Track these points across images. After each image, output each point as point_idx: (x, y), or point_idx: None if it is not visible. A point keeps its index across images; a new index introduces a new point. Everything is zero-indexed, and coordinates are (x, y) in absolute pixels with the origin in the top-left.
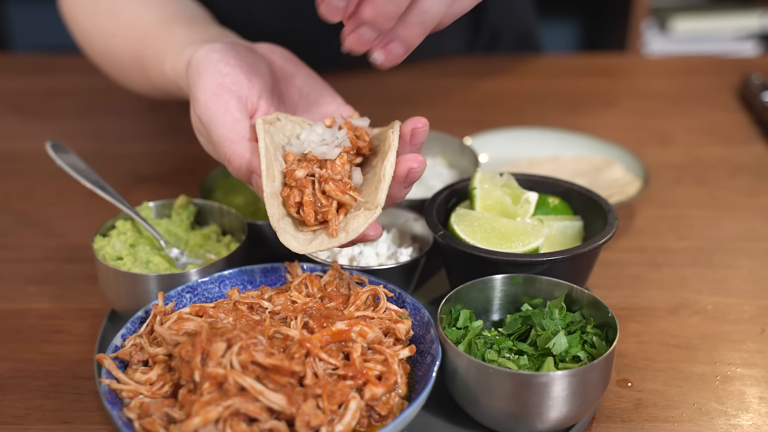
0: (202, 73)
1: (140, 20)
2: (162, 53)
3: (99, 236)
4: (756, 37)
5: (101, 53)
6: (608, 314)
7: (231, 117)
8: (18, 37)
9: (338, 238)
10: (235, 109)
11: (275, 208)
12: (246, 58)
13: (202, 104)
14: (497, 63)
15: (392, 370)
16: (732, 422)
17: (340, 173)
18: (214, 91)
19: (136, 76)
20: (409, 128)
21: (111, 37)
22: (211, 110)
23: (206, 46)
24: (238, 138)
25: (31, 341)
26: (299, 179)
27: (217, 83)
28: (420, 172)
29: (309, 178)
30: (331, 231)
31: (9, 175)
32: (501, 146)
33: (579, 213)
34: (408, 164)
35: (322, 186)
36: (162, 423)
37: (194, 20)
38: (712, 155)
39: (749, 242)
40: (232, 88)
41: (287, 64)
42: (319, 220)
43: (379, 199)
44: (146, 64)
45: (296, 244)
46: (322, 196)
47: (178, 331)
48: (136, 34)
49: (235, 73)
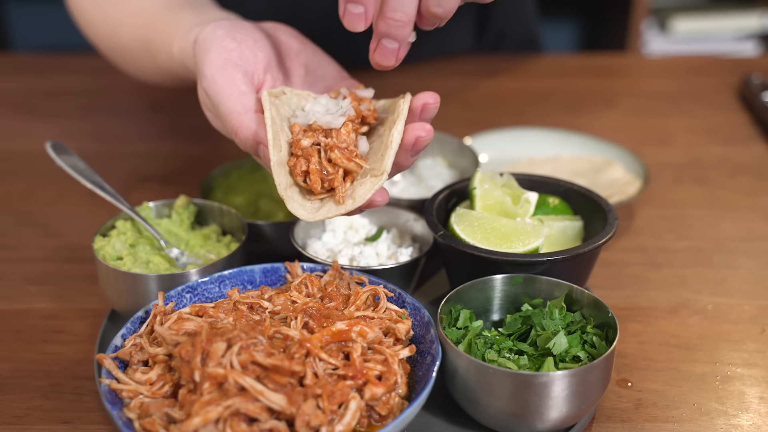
0: (208, 50)
1: (146, 7)
2: (169, 36)
3: (99, 236)
4: (756, 37)
5: (108, 42)
6: (608, 314)
7: (237, 90)
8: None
9: (345, 205)
10: (242, 83)
11: (282, 177)
12: (251, 33)
13: (208, 78)
14: (497, 63)
15: (392, 370)
16: (732, 422)
17: (345, 141)
18: (220, 66)
19: (143, 62)
20: (420, 102)
21: (118, 26)
22: (218, 84)
23: (212, 24)
24: (244, 110)
25: (31, 341)
26: (305, 148)
27: (224, 58)
28: (428, 140)
29: (315, 147)
30: (338, 198)
31: (9, 175)
32: (501, 146)
33: (579, 213)
34: (416, 132)
35: (328, 154)
36: (162, 423)
37: (199, 5)
38: (712, 155)
39: (749, 242)
40: (238, 62)
41: (293, 41)
42: (326, 188)
43: (385, 166)
44: (153, 49)
45: (304, 212)
46: (328, 164)
47: (178, 331)
48: (142, 21)
49: (240, 48)
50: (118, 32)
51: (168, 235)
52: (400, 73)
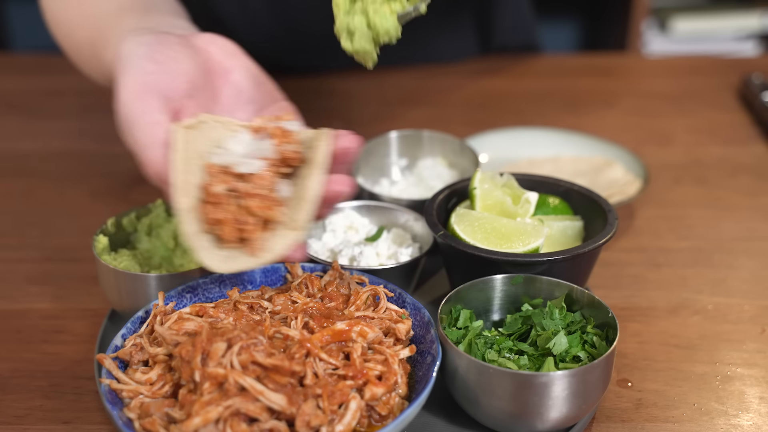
0: (125, 70)
1: (101, 9)
2: (107, 41)
3: (100, 236)
4: (756, 37)
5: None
6: (608, 314)
7: (149, 119)
8: (18, 37)
9: (260, 258)
10: (156, 110)
11: (189, 225)
12: (176, 53)
13: (122, 103)
14: (497, 63)
15: (392, 370)
16: (732, 422)
17: (264, 187)
18: (135, 90)
19: (92, 65)
20: (341, 146)
21: (76, 28)
22: (129, 110)
23: (135, 39)
24: (153, 143)
25: (31, 341)
26: (217, 195)
27: (140, 82)
28: (348, 196)
29: (229, 193)
30: (253, 250)
31: (9, 175)
32: (501, 146)
33: (579, 213)
34: (336, 187)
35: (244, 201)
36: (162, 423)
37: (149, 9)
38: (712, 155)
39: (749, 242)
40: (155, 86)
41: (226, 58)
42: (240, 237)
43: (302, 221)
44: (97, 54)
45: (215, 263)
46: (243, 212)
47: (178, 331)
48: (94, 23)
49: (160, 71)
50: (74, 34)
51: (176, 233)
52: (399, 74)
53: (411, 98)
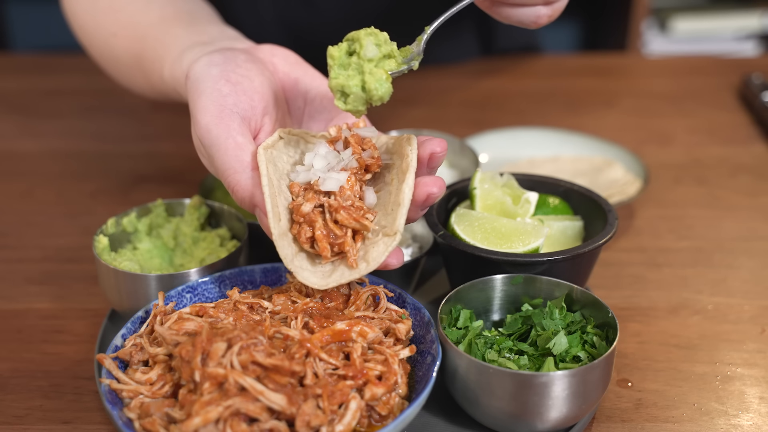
0: (201, 92)
1: (140, 19)
2: (161, 56)
3: (99, 236)
4: (756, 37)
5: (101, 52)
6: (608, 314)
7: (233, 142)
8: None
9: (359, 269)
10: (238, 133)
11: (287, 249)
12: (248, 71)
13: (203, 127)
14: (497, 63)
15: (392, 370)
16: (732, 422)
17: (350, 198)
18: (215, 114)
19: (136, 77)
20: (428, 152)
21: (111, 37)
22: (212, 134)
23: (204, 59)
24: (241, 167)
25: (32, 341)
26: (306, 214)
27: (218, 104)
28: (439, 196)
29: (318, 210)
30: (351, 262)
31: (9, 175)
32: (501, 146)
33: (579, 213)
34: (427, 189)
35: (333, 216)
36: (162, 423)
37: (194, 19)
38: (712, 155)
39: (749, 242)
40: (234, 109)
41: (290, 68)
42: (336, 251)
43: (398, 225)
44: (146, 67)
45: (316, 280)
46: (335, 226)
47: (178, 331)
48: (135, 33)
49: (236, 92)
50: (110, 43)
51: (176, 232)
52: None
53: (411, 98)
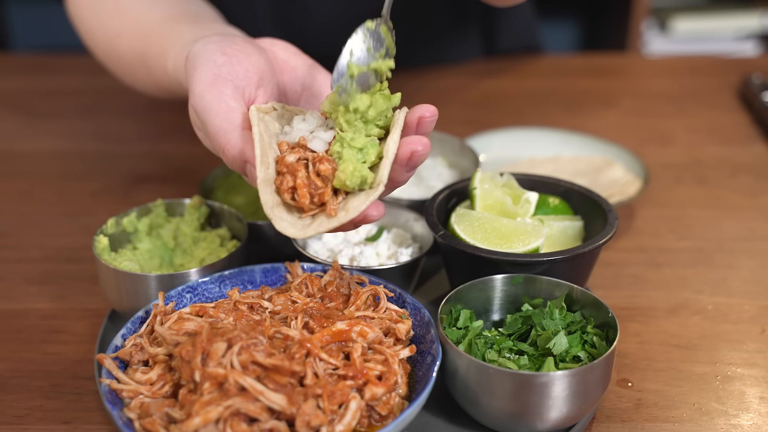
0: (198, 65)
1: (145, 19)
2: (165, 51)
3: (100, 236)
4: (756, 37)
5: (106, 52)
6: (608, 314)
7: (225, 106)
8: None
9: (338, 217)
10: (230, 98)
11: (268, 195)
12: (244, 48)
13: (197, 95)
14: (497, 63)
15: (392, 370)
16: (732, 422)
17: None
18: (209, 81)
19: (140, 75)
20: (416, 115)
21: (116, 37)
22: (205, 100)
23: (203, 39)
24: (232, 127)
25: (32, 341)
26: (290, 164)
27: (213, 73)
28: (424, 155)
29: (301, 162)
30: (329, 210)
31: (9, 175)
32: (501, 146)
33: (579, 213)
34: (411, 146)
35: (316, 167)
36: (162, 423)
37: (199, 18)
38: (712, 155)
39: (749, 242)
40: (228, 77)
41: (290, 57)
42: (316, 203)
43: (381, 176)
44: (149, 63)
45: (294, 230)
46: (317, 178)
47: (178, 331)
48: (140, 32)
49: (231, 62)
50: (115, 43)
51: (177, 232)
52: (398, 75)
53: (411, 98)
